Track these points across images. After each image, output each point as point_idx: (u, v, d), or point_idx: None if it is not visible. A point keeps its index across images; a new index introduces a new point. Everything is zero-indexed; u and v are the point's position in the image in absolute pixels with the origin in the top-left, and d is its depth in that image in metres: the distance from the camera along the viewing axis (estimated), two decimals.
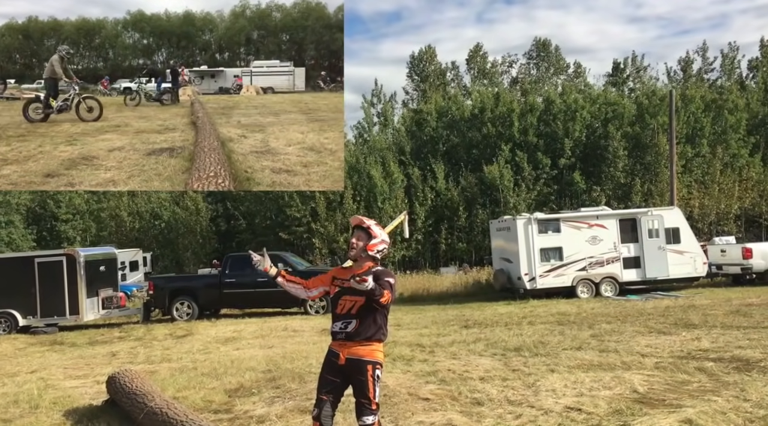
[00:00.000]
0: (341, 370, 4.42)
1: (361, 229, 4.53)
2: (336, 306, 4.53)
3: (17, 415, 7.15)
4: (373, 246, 4.50)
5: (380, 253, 4.54)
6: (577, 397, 6.49)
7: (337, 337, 4.47)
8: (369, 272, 4.24)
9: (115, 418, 6.67)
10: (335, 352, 4.47)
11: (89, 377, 9.53)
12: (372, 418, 4.36)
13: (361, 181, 30.04)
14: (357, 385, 4.39)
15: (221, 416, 6.63)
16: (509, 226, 18.84)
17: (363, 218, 4.59)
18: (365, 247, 4.49)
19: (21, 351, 13.38)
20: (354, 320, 4.40)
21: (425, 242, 30.30)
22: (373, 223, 4.57)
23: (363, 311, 4.40)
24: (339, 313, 4.49)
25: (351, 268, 4.61)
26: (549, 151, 30.85)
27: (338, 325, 4.46)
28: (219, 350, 11.51)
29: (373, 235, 4.50)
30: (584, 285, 17.98)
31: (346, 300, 4.47)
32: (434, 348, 10.12)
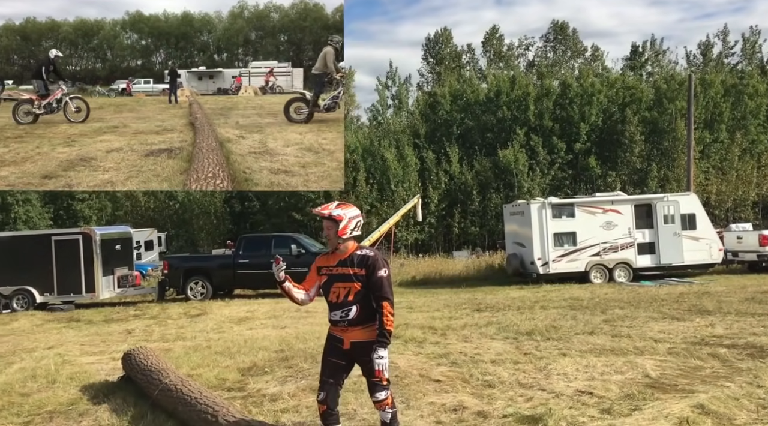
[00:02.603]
0: (346, 353, 4.42)
1: (326, 219, 4.42)
2: (329, 294, 4.46)
3: (35, 390, 7.28)
4: (344, 229, 4.39)
5: (356, 230, 4.45)
6: (588, 381, 6.49)
7: (339, 325, 4.43)
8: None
9: (131, 394, 6.76)
10: (338, 338, 4.45)
11: (105, 354, 9.67)
12: (385, 393, 4.38)
13: (375, 163, 30.01)
14: (366, 367, 4.39)
15: (234, 394, 6.71)
16: (523, 210, 18.77)
17: (321, 209, 4.45)
18: (337, 234, 4.40)
19: (38, 327, 13.60)
20: (354, 307, 4.36)
21: (438, 226, 30.28)
22: (334, 207, 4.42)
23: (360, 297, 4.37)
24: (335, 301, 4.41)
25: (335, 254, 4.49)
26: (564, 136, 30.60)
27: (338, 314, 4.40)
28: (232, 330, 11.62)
29: (339, 219, 4.38)
30: (597, 270, 17.91)
31: (339, 287, 4.41)
32: (446, 331, 10.14)
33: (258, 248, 18.29)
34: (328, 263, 4.50)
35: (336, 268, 4.43)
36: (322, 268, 4.53)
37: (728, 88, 31.36)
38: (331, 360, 4.48)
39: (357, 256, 4.41)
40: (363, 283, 4.35)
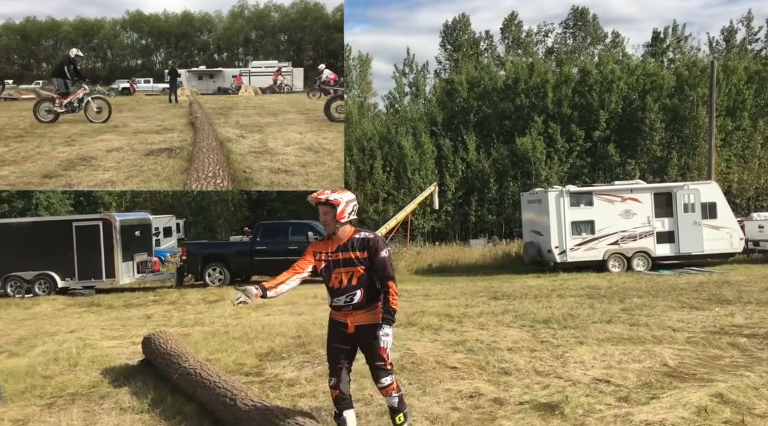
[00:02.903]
0: (350, 337, 4.42)
1: (321, 204, 4.40)
2: (330, 280, 4.44)
3: (57, 372, 7.42)
4: (341, 213, 4.38)
5: (352, 213, 4.44)
6: (605, 369, 6.46)
7: (343, 310, 4.42)
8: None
9: (151, 377, 6.86)
10: (342, 322, 4.44)
11: (125, 338, 9.81)
12: (390, 378, 4.40)
13: (392, 151, 29.95)
14: (370, 350, 4.39)
15: (252, 379, 6.78)
16: (540, 198, 18.65)
17: (316, 195, 4.43)
18: (335, 218, 4.39)
19: (60, 311, 13.82)
20: (358, 291, 4.37)
21: (455, 214, 30.20)
22: (329, 192, 4.42)
23: (364, 280, 4.38)
24: (337, 287, 4.40)
25: (332, 239, 4.47)
26: (583, 123, 30.29)
27: (342, 300, 4.39)
28: (250, 316, 11.71)
29: (336, 203, 4.37)
30: (616, 259, 17.78)
31: (340, 272, 4.40)
32: (462, 318, 10.14)
33: (275, 235, 18.40)
34: (326, 249, 4.46)
35: (335, 253, 4.41)
36: (319, 253, 4.49)
37: (751, 74, 30.78)
38: (335, 346, 4.50)
39: (357, 240, 4.41)
40: (366, 266, 4.36)
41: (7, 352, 8.72)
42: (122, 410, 5.84)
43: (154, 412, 5.72)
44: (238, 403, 5.02)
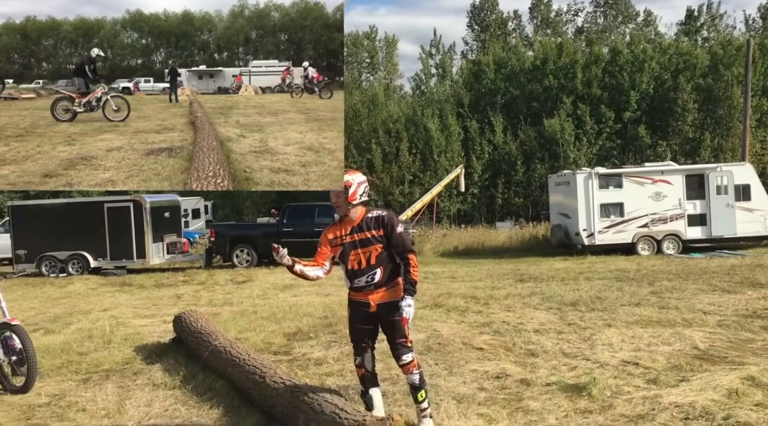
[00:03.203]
0: (372, 316, 4.44)
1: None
2: (347, 262, 4.44)
3: (92, 349, 7.61)
4: (354, 195, 4.38)
5: (365, 195, 4.45)
6: (634, 351, 6.41)
7: (364, 290, 4.42)
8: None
9: (182, 354, 7.01)
10: (364, 302, 4.44)
11: (156, 317, 10.01)
12: (411, 355, 4.42)
13: (418, 133, 29.81)
14: (391, 327, 4.41)
15: (281, 357, 6.88)
16: (569, 180, 18.43)
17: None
18: (347, 200, 4.39)
19: (93, 291, 14.14)
20: (377, 270, 4.38)
21: (481, 196, 30.03)
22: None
23: (383, 258, 4.39)
24: (358, 268, 4.39)
25: (345, 222, 4.48)
26: (613, 104, 29.75)
27: (363, 280, 4.40)
28: (277, 296, 11.86)
29: (348, 185, 4.38)
30: (645, 242, 17.53)
31: (358, 253, 4.39)
32: (489, 300, 10.12)
33: (302, 217, 18.52)
34: (340, 233, 4.46)
35: (350, 235, 4.41)
36: (335, 238, 4.48)
37: None
38: (357, 326, 4.53)
39: (371, 219, 4.42)
40: (384, 244, 4.37)
41: (43, 330, 8.96)
42: (155, 386, 5.98)
43: (186, 389, 5.84)
44: (267, 381, 5.10)
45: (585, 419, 4.59)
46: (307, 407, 4.44)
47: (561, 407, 4.87)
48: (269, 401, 4.92)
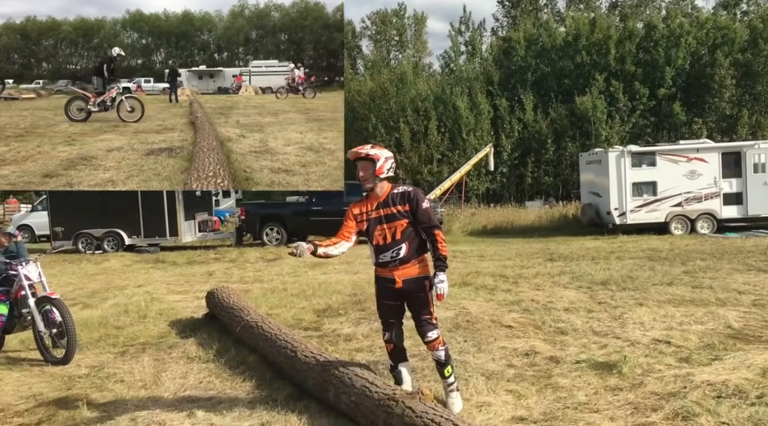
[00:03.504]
0: (399, 292, 4.44)
1: (360, 159, 4.38)
2: (373, 238, 4.44)
3: (128, 323, 7.82)
4: (381, 168, 4.36)
5: (390, 170, 4.43)
6: (666, 330, 6.35)
7: (389, 266, 4.42)
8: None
9: (215, 329, 7.16)
10: (390, 278, 4.44)
11: (189, 293, 10.21)
12: (436, 332, 4.44)
13: (447, 112, 29.59)
14: (417, 303, 4.42)
15: (311, 333, 6.97)
16: (600, 159, 18.16)
17: (357, 149, 4.40)
18: (375, 174, 4.36)
19: (128, 267, 14.47)
20: (402, 245, 4.37)
21: (510, 175, 29.79)
22: (370, 147, 4.40)
23: (408, 233, 4.38)
24: (383, 243, 4.39)
25: (371, 196, 4.47)
26: (647, 81, 29.10)
27: (388, 255, 4.39)
28: (307, 274, 11.97)
29: (375, 159, 4.35)
30: (678, 221, 17.24)
31: (384, 229, 4.39)
32: (518, 279, 10.08)
33: (331, 196, 18.59)
34: (366, 209, 4.46)
35: (375, 211, 4.41)
36: (360, 214, 4.49)
37: None
38: (385, 303, 4.54)
39: (396, 194, 4.41)
40: (409, 219, 4.37)
41: (81, 304, 9.22)
42: (189, 359, 6.13)
43: (219, 362, 5.97)
44: (298, 355, 5.19)
45: (615, 396, 4.58)
46: (337, 381, 4.52)
47: (591, 384, 4.86)
48: (301, 375, 5.01)
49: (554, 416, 4.26)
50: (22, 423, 4.68)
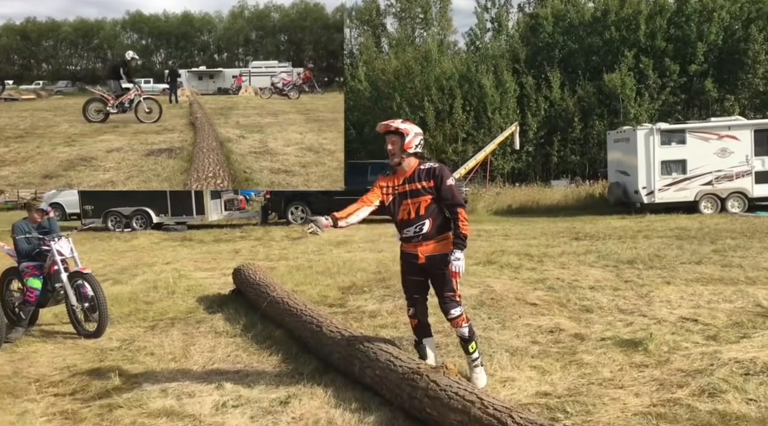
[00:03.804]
0: (422, 268, 4.46)
1: (390, 133, 4.39)
2: (398, 213, 4.46)
3: (157, 299, 7.97)
4: (409, 143, 4.37)
5: (419, 147, 4.44)
6: (693, 308, 6.28)
7: (413, 241, 4.44)
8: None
9: (242, 305, 7.27)
10: (413, 254, 4.45)
11: (216, 270, 10.36)
12: (459, 309, 4.44)
13: (472, 90, 29.31)
14: (440, 280, 4.43)
15: (336, 310, 7.04)
16: (629, 137, 17.87)
17: (388, 122, 4.43)
18: (403, 147, 4.37)
19: (156, 245, 14.70)
20: (426, 221, 4.38)
21: (536, 154, 29.50)
22: (400, 122, 4.42)
23: (432, 210, 4.38)
24: (407, 218, 4.41)
25: (398, 171, 4.48)
26: (678, 57, 28.44)
27: (411, 231, 4.41)
28: (332, 252, 12.05)
29: (405, 133, 4.36)
30: (708, 200, 16.94)
31: (408, 204, 4.40)
32: (543, 258, 10.03)
33: (354, 175, 18.61)
34: (393, 183, 4.48)
35: (402, 186, 4.43)
36: (386, 187, 4.51)
37: None
38: (409, 278, 4.56)
39: (422, 170, 4.41)
40: (433, 196, 4.37)
41: (112, 280, 9.42)
42: (217, 334, 6.25)
43: (246, 336, 6.08)
44: (323, 330, 5.25)
45: (640, 373, 4.56)
46: (362, 355, 4.57)
47: (616, 361, 4.85)
48: (326, 349, 5.07)
49: (578, 392, 4.26)
50: (57, 393, 4.83)
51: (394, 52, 35.30)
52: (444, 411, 3.63)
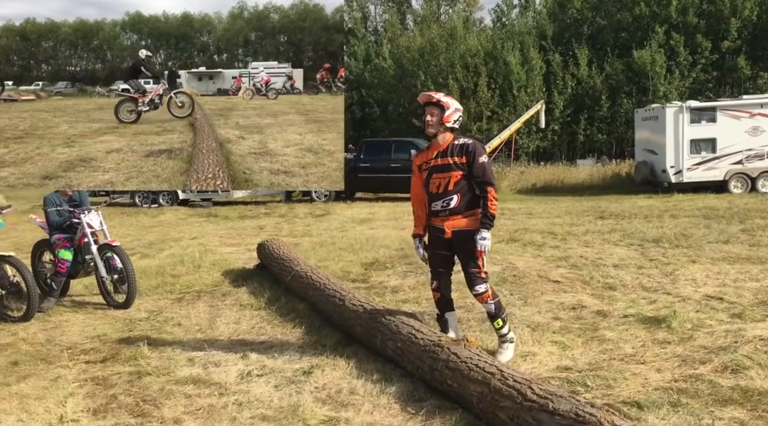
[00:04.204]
0: (449, 243, 4.48)
1: (431, 104, 4.43)
2: (429, 185, 4.49)
3: (183, 272, 8.12)
4: (449, 117, 4.41)
5: (457, 123, 4.47)
6: (719, 287, 6.22)
7: (440, 215, 4.48)
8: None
9: (266, 279, 7.38)
10: (440, 228, 4.49)
11: (241, 245, 10.50)
12: (485, 286, 4.45)
13: (497, 68, 28.94)
14: (465, 255, 4.45)
15: (358, 284, 7.11)
16: (657, 115, 17.55)
17: (430, 93, 4.48)
18: (441, 120, 4.41)
19: (182, 220, 14.93)
20: (454, 196, 4.39)
21: (562, 133, 29.12)
22: (443, 95, 4.45)
23: (461, 185, 4.39)
24: (436, 192, 4.45)
25: (431, 145, 4.53)
26: (710, 33, 27.70)
27: (439, 204, 4.44)
28: (355, 229, 12.12)
29: (446, 106, 4.40)
30: (738, 179, 16.62)
31: (438, 178, 4.43)
32: (566, 236, 9.96)
33: (378, 153, 18.65)
34: (427, 158, 4.53)
35: (434, 159, 4.46)
36: (422, 164, 4.56)
37: None
38: (436, 252, 4.59)
39: (456, 146, 4.44)
40: (464, 172, 4.38)
41: (140, 254, 9.61)
42: (242, 306, 6.36)
43: (270, 309, 6.18)
44: (346, 303, 5.32)
45: (662, 349, 4.55)
46: (384, 328, 4.62)
47: (638, 337, 4.84)
48: (348, 322, 5.14)
49: (599, 366, 4.27)
50: (89, 360, 4.98)
51: (419, 29, 34.94)
52: (464, 382, 3.67)
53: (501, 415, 3.33)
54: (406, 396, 3.95)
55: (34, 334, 5.72)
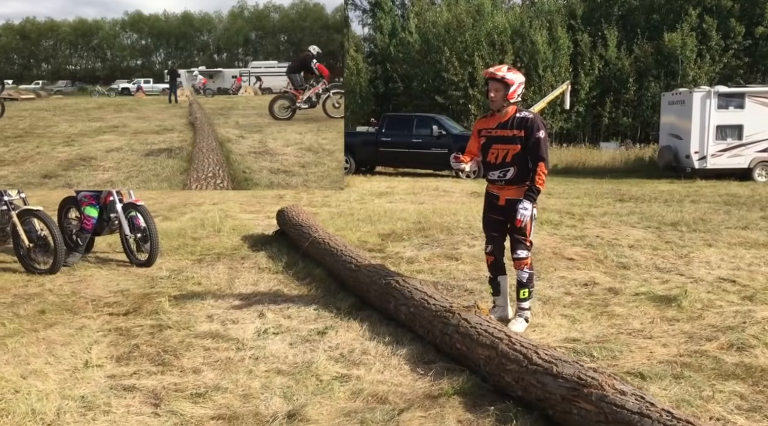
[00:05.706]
0: (502, 209, 4.66)
1: (495, 80, 4.49)
2: (487, 155, 4.65)
3: (204, 236, 8.31)
4: (513, 93, 4.49)
5: (520, 96, 4.56)
6: (733, 270, 6.24)
7: (496, 184, 4.67)
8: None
9: (284, 245, 7.53)
10: (495, 195, 4.70)
11: (260, 213, 10.67)
12: (526, 253, 4.62)
13: (524, 46, 28.59)
14: (514, 222, 4.59)
15: (375, 254, 7.23)
16: (684, 99, 17.30)
17: (494, 70, 4.53)
18: (505, 97, 4.49)
19: None
20: (511, 168, 4.54)
21: (586, 115, 28.79)
22: (506, 70, 4.51)
23: (518, 158, 4.52)
24: (493, 162, 4.61)
25: (495, 116, 4.63)
26: (745, 17, 27.03)
27: (496, 174, 4.62)
28: (373, 201, 12.23)
29: (510, 83, 4.46)
30: (764, 167, 16.39)
31: (497, 149, 4.58)
32: (584, 216, 9.99)
33: (400, 127, 18.66)
34: (488, 125, 4.65)
35: (495, 130, 4.58)
36: (482, 130, 4.70)
37: None
38: (490, 216, 4.78)
39: (517, 118, 4.53)
40: (522, 145, 4.48)
41: (162, 217, 9.82)
42: (260, 270, 6.52)
43: (288, 273, 6.34)
44: (362, 270, 5.44)
45: (670, 326, 4.62)
46: (398, 293, 4.75)
47: (647, 314, 4.91)
48: (363, 287, 5.27)
49: (606, 339, 4.36)
50: (112, 312, 5.17)
51: (446, 4, 34.54)
52: (473, 346, 3.79)
53: (507, 378, 3.45)
54: (416, 358, 4.08)
55: (60, 286, 5.94)
